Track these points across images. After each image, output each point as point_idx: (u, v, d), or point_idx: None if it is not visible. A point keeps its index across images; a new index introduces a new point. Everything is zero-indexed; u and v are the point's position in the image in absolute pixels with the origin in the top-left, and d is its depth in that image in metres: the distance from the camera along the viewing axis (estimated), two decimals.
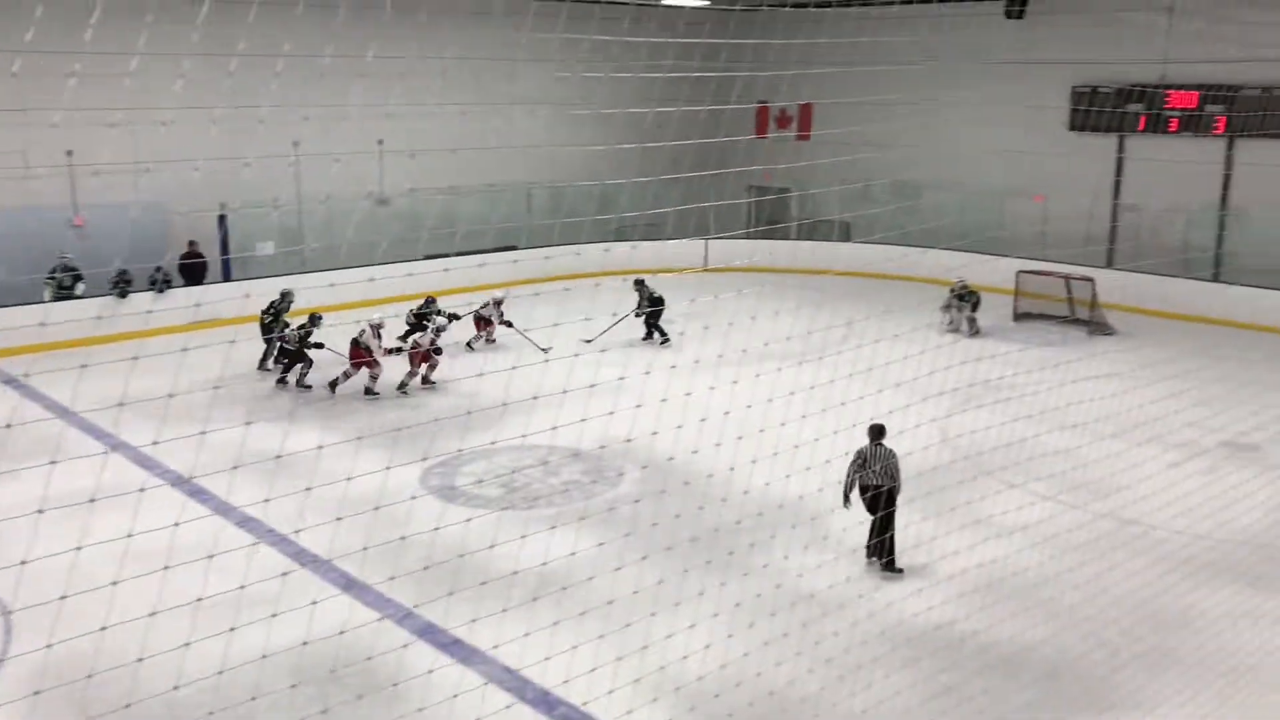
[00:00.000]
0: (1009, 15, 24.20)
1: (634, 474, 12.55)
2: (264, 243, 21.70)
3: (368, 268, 19.02)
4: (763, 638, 8.68)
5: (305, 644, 7.33)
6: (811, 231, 26.19)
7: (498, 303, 18.22)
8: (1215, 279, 22.12)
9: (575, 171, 24.73)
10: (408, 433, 12.34)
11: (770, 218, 27.34)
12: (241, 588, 7.21)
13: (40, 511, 5.92)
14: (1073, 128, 24.41)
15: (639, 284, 18.68)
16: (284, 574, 9.08)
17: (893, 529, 9.94)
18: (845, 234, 26.90)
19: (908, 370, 10.15)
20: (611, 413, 8.62)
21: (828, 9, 21.97)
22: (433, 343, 15.74)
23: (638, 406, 9.64)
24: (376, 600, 9.43)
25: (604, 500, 11.89)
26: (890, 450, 9.91)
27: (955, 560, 9.92)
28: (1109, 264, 23.51)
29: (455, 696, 7.54)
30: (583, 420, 9.02)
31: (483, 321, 18.39)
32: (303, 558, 10.13)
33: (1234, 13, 17.10)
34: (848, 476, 9.99)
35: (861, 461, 9.94)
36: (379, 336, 15.10)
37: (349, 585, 9.72)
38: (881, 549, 10.08)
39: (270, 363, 16.39)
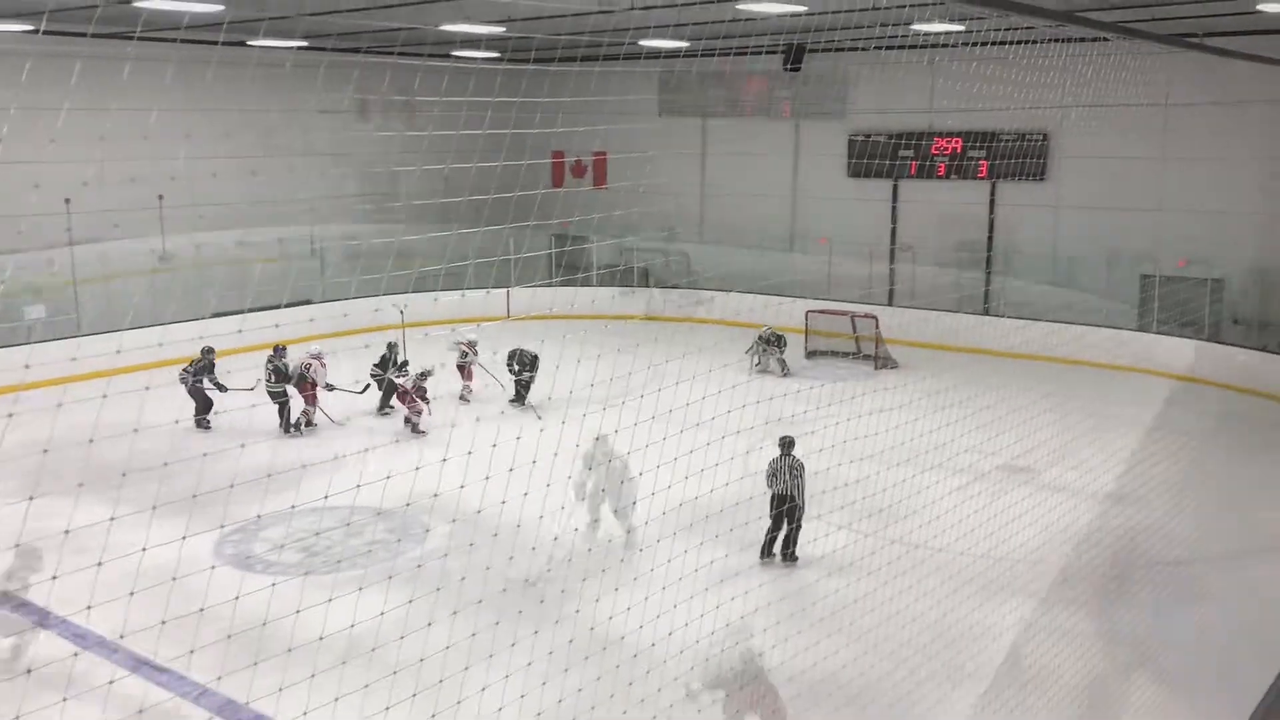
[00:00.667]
0: (785, 68, 25.49)
1: (442, 529, 12.38)
2: (34, 306, 20.35)
3: (155, 328, 18.16)
4: (576, 684, 8.70)
5: None
6: (613, 279, 26.65)
7: (472, 345, 18.28)
8: (986, 312, 23.75)
9: (369, 225, 24.37)
10: (202, 499, 11.76)
11: (569, 264, 27.68)
12: (28, 672, 6.71)
13: None
14: (851, 174, 25.83)
15: (511, 355, 18.00)
16: (74, 654, 8.49)
17: (795, 526, 11.54)
18: (645, 280, 27.50)
19: (707, 410, 10.43)
20: (417, 468, 8.50)
21: (617, 61, 22.57)
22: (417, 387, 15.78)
23: (444, 460, 9.54)
24: (173, 679, 8.93)
25: (411, 558, 11.67)
26: (799, 461, 11.50)
27: (760, 593, 10.22)
28: (890, 301, 24.90)
29: None
30: (387, 477, 8.87)
31: (465, 370, 18.27)
32: (88, 640, 9.50)
33: (988, 66, 18.62)
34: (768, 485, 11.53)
35: (772, 472, 11.47)
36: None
37: (141, 665, 9.17)
38: (786, 544, 11.53)
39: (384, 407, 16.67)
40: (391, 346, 17.27)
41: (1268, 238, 21.03)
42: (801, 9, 15.81)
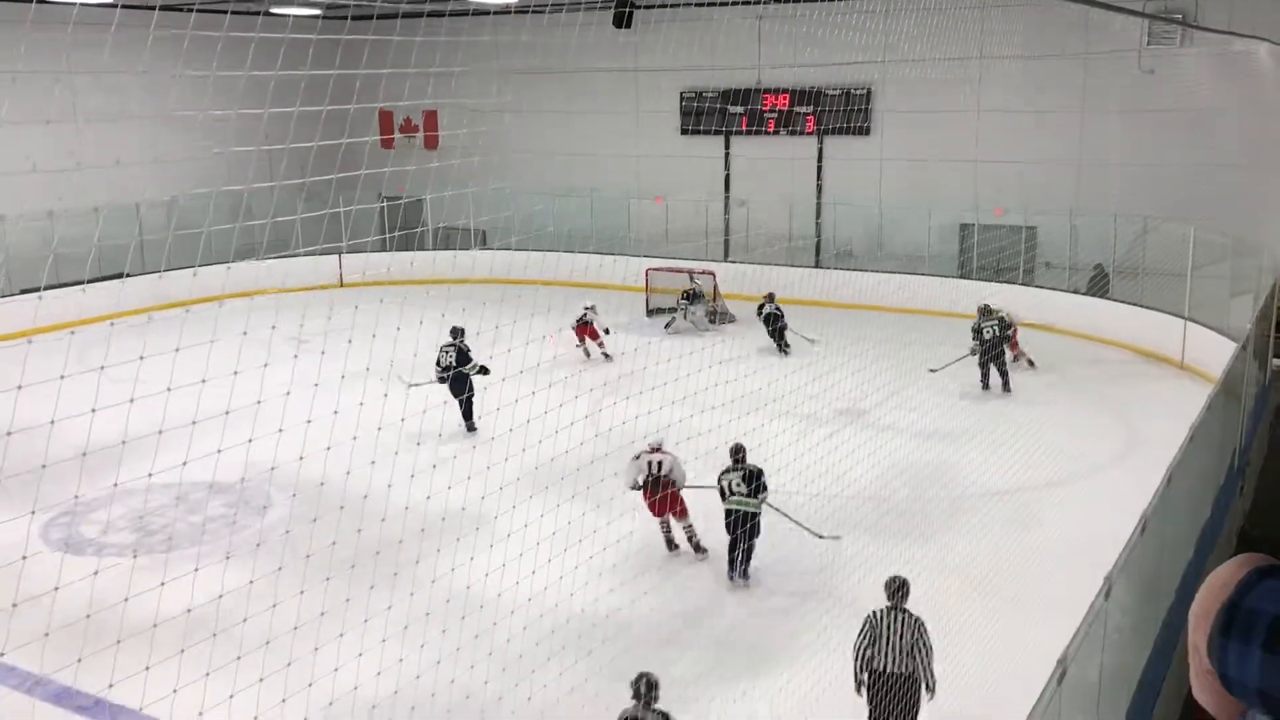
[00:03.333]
0: (616, 24, 25.25)
1: (283, 503, 11.85)
2: None
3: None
4: (434, 656, 8.45)
5: None
6: (447, 240, 26.05)
7: (590, 307, 18.94)
8: (817, 265, 24.30)
9: (189, 184, 23.02)
10: (14, 482, 10.91)
11: (404, 226, 26.90)
12: None
13: None
14: (684, 131, 25.91)
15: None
16: None
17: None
18: (482, 241, 26.99)
19: (559, 372, 10.29)
20: (251, 440, 8.03)
21: (441, 17, 21.89)
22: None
23: (280, 430, 9.07)
24: (3, 672, 8.26)
25: (251, 534, 11.13)
26: (918, 619, 7.94)
27: (617, 549, 10.18)
28: (726, 256, 25.19)
29: None
30: (219, 451, 8.35)
31: (586, 327, 18.77)
32: None
33: (814, 20, 18.95)
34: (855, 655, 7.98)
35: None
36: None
37: None
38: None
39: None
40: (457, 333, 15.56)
41: (1077, 185, 22.17)
42: None
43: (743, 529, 10.30)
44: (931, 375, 17.25)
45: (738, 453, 10.68)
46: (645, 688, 7.15)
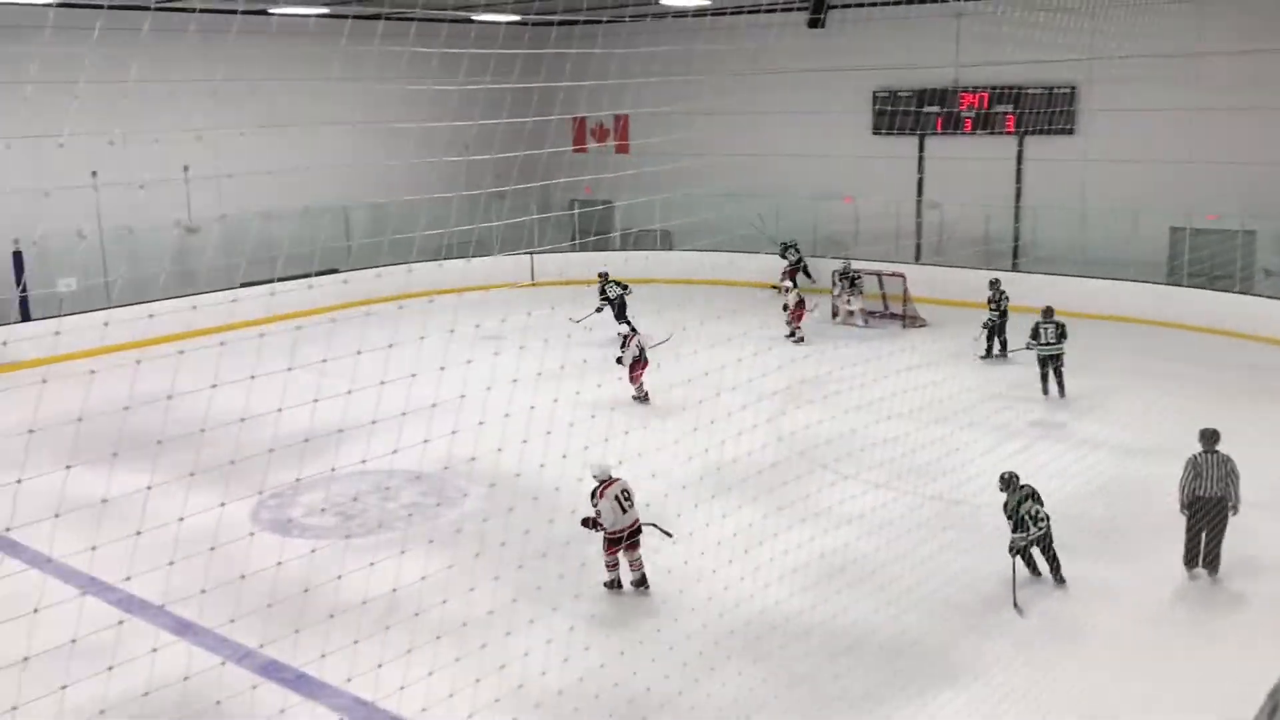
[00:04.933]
0: (811, 25, 25.12)
1: (479, 493, 12.43)
2: (65, 279, 20.44)
3: (189, 297, 18.30)
4: (618, 647, 8.76)
5: (146, 694, 6.96)
6: (635, 242, 26.55)
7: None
8: (1014, 269, 23.52)
9: (394, 190, 24.30)
10: (240, 466, 11.85)
11: (595, 230, 27.56)
12: (72, 641, 6.78)
13: None
14: (876, 131, 25.54)
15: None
16: (119, 623, 8.58)
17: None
18: (668, 243, 27.37)
19: (743, 373, 10.44)
20: (454, 431, 8.51)
21: (642, 21, 22.33)
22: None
23: (480, 423, 9.54)
24: (217, 643, 9.04)
25: (449, 521, 11.73)
26: (1227, 456, 10.11)
27: (798, 553, 10.23)
28: (917, 259, 24.70)
29: None
30: (425, 441, 8.87)
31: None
32: (131, 604, 9.61)
33: (1016, 19, 18.40)
34: (1180, 488, 10.19)
35: (1195, 471, 10.17)
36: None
37: (185, 629, 9.28)
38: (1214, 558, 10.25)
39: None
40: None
41: None
42: None
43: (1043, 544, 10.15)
44: (1112, 382, 16.48)
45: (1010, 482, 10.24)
46: None
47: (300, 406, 7.69)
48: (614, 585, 10.10)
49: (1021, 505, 9.92)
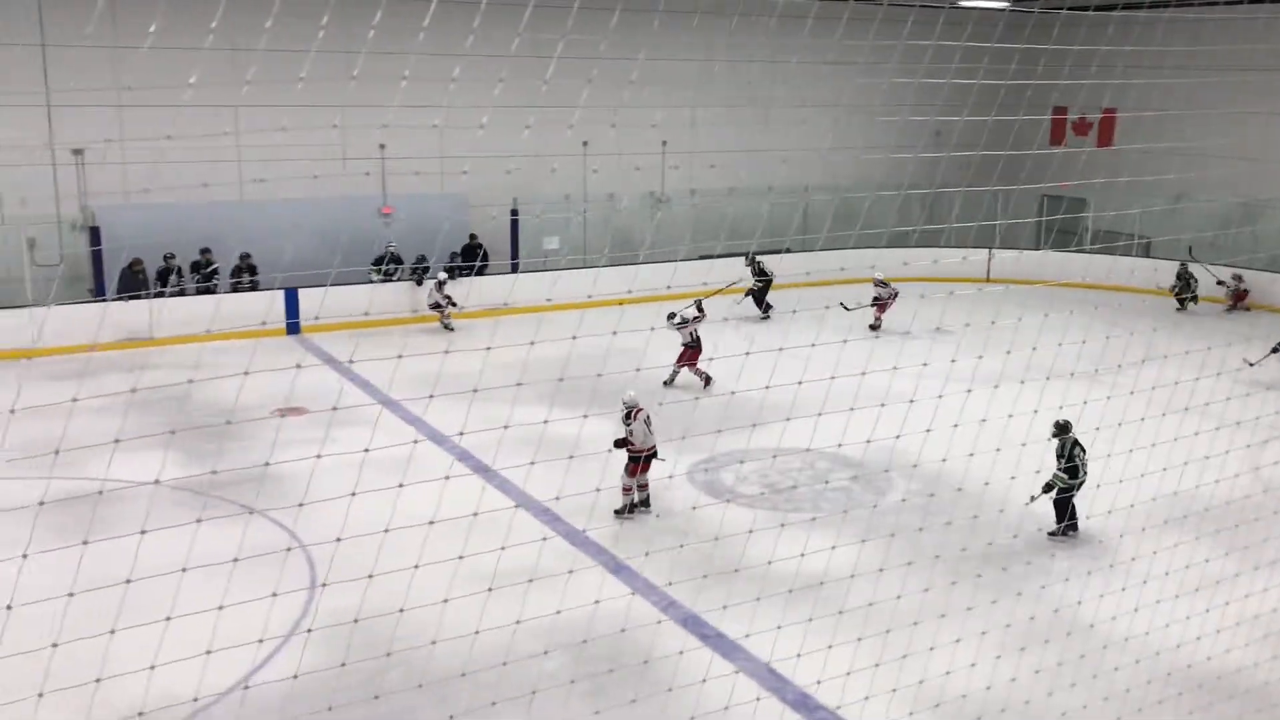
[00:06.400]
0: None
1: (903, 478, 12.20)
2: (550, 238, 22.74)
3: (706, 260, 20.31)
4: (1034, 665, 8.22)
5: (558, 613, 7.43)
6: (1106, 246, 24.63)
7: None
8: None
9: (854, 177, 24.34)
10: (687, 429, 12.57)
11: (1064, 226, 25.91)
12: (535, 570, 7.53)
13: (353, 494, 6.23)
14: None
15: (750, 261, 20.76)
16: (572, 568, 9.37)
17: None
18: (1145, 251, 25.08)
19: (1215, 394, 9.33)
20: (899, 434, 8.25)
21: (1138, 10, 20.53)
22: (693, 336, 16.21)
23: (928, 431, 9.23)
24: (631, 578, 9.65)
25: (867, 500, 11.62)
26: None
27: (1258, 600, 9.03)
28: None
29: (704, 681, 7.52)
30: (868, 441, 8.79)
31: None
32: (575, 538, 10.52)
33: None
34: None
35: None
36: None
37: (615, 566, 10.00)
38: None
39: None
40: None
41: None
42: None
43: None
44: None
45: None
46: None
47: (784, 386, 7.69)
48: (626, 510, 11.12)
49: (1075, 447, 9.43)
